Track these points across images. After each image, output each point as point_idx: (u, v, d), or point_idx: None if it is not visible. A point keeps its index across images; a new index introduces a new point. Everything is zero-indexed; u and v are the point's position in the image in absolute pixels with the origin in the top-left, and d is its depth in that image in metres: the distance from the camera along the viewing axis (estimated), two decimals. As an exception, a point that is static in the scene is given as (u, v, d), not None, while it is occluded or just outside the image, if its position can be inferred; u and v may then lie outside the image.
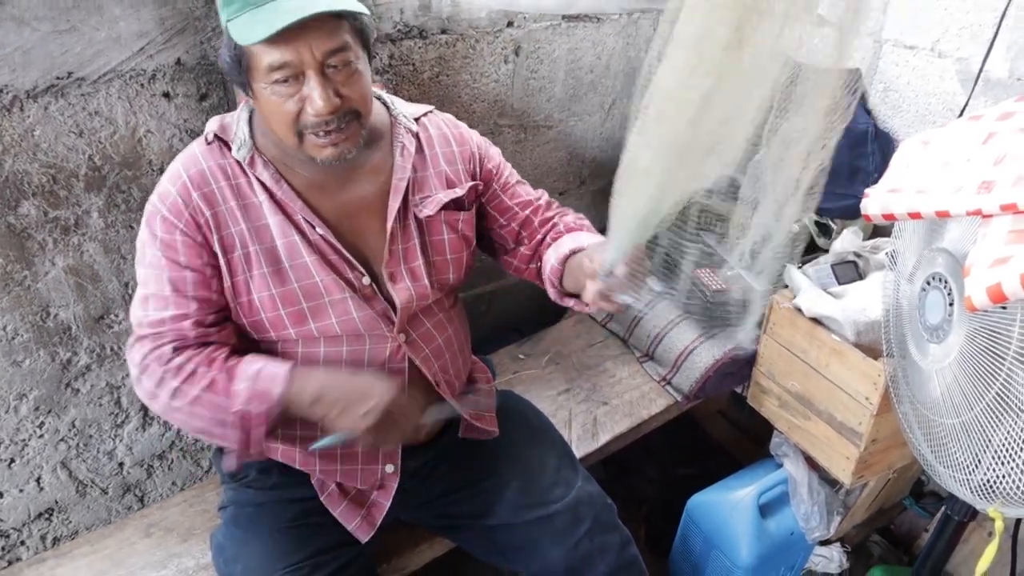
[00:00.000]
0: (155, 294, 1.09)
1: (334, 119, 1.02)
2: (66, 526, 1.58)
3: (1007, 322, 0.90)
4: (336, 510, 1.25)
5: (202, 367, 1.07)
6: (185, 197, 1.07)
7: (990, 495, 0.99)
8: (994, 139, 0.96)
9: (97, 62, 1.25)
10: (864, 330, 1.48)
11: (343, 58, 1.00)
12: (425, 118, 1.26)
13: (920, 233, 1.14)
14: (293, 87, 1.00)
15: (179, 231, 1.07)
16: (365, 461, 1.25)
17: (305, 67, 0.98)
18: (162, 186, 1.10)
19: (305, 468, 1.23)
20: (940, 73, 1.76)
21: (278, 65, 0.97)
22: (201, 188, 1.08)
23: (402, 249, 1.19)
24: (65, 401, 1.46)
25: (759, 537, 1.71)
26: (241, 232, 1.10)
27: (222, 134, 1.11)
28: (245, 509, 1.25)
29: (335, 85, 1.01)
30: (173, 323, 1.09)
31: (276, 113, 1.02)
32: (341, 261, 1.14)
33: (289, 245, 1.11)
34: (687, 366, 1.79)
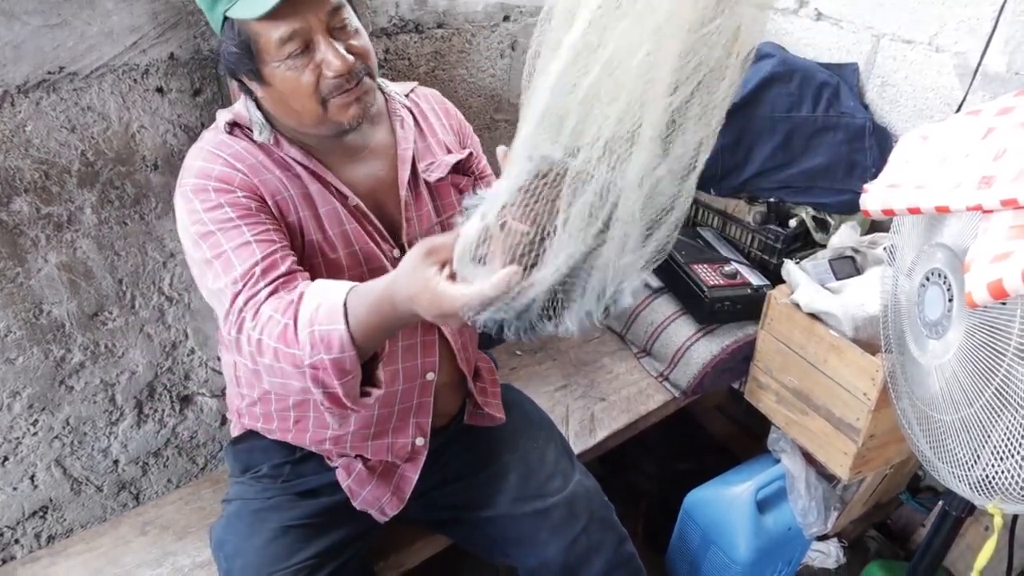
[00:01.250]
0: (235, 247, 1.00)
1: (353, 76, 1.04)
2: (61, 524, 1.57)
3: (1007, 318, 0.89)
4: (364, 489, 1.26)
5: (277, 312, 0.93)
6: (231, 169, 1.06)
7: (989, 491, 0.99)
8: (994, 134, 0.96)
9: (89, 57, 1.24)
10: (862, 326, 1.48)
11: (343, 16, 1.03)
12: (413, 94, 1.29)
13: (919, 228, 1.13)
14: (306, 57, 1.01)
15: (238, 190, 1.05)
16: (396, 435, 1.26)
17: (313, 32, 1.00)
18: (199, 168, 1.06)
19: (336, 447, 1.24)
20: (938, 68, 1.75)
21: (288, 36, 0.98)
22: (243, 162, 1.07)
23: (417, 217, 1.21)
24: (59, 399, 1.45)
25: (757, 533, 1.71)
26: (291, 198, 1.09)
27: (239, 120, 1.11)
28: (251, 504, 1.25)
29: (344, 44, 1.03)
30: (264, 262, 0.99)
31: (295, 88, 1.02)
32: (375, 231, 1.16)
33: (331, 213, 1.12)
34: (685, 362, 1.79)
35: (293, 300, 0.93)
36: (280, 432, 1.26)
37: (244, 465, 1.31)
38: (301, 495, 1.26)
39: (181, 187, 1.07)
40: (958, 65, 1.70)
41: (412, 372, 1.23)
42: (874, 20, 1.86)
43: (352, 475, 1.26)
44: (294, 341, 0.91)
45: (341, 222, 1.12)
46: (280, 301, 0.94)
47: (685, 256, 1.82)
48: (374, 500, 1.27)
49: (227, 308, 0.97)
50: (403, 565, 1.43)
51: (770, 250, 1.85)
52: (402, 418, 1.26)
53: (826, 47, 1.99)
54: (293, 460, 1.28)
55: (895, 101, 1.87)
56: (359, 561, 1.29)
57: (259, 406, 1.24)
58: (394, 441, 1.27)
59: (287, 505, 1.24)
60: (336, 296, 0.90)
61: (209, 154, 1.08)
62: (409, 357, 1.22)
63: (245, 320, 0.95)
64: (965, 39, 1.67)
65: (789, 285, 1.63)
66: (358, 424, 1.23)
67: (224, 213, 1.02)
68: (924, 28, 1.76)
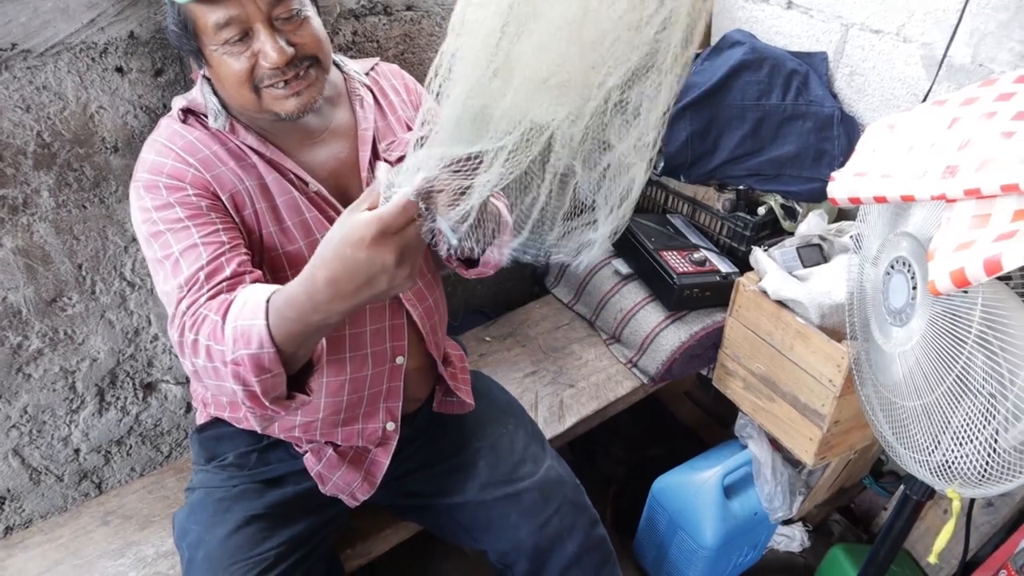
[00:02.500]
0: (182, 250, 0.98)
1: (290, 68, 1.00)
2: (19, 515, 1.53)
3: (968, 306, 0.91)
4: (335, 474, 1.25)
5: (212, 312, 0.92)
6: (183, 164, 1.04)
7: (948, 476, 1.01)
8: (958, 124, 0.97)
9: (44, 34, 1.20)
10: (828, 313, 1.49)
11: (288, 8, 0.99)
12: (373, 71, 1.27)
13: (885, 217, 1.14)
14: (244, 44, 0.98)
15: (189, 187, 1.03)
16: (366, 420, 1.26)
17: (252, 20, 0.97)
18: (150, 162, 1.04)
19: (305, 435, 1.23)
20: (905, 58, 1.77)
21: (224, 22, 0.96)
22: (195, 155, 1.05)
23: None
24: (16, 386, 1.42)
25: (723, 518, 1.73)
26: (247, 190, 1.07)
27: (193, 107, 1.08)
28: (215, 493, 1.23)
29: (286, 35, 1.00)
30: (209, 266, 0.97)
31: (229, 74, 1.00)
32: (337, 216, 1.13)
33: (289, 203, 1.10)
34: (653, 348, 1.79)
35: (228, 300, 0.92)
36: (246, 420, 1.24)
37: (210, 454, 1.29)
38: (267, 483, 1.25)
39: (135, 182, 1.04)
40: (925, 56, 1.72)
41: (381, 356, 1.21)
42: (843, 9, 1.87)
43: (322, 461, 1.25)
44: (220, 337, 0.88)
45: (300, 211, 1.10)
46: (218, 302, 0.93)
47: (654, 243, 1.82)
48: (345, 485, 1.27)
49: (172, 313, 0.97)
50: (371, 552, 1.42)
51: (739, 237, 1.86)
52: (372, 403, 1.25)
53: (796, 36, 2.00)
54: (259, 448, 1.27)
55: (863, 90, 1.89)
56: (326, 551, 1.28)
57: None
58: (364, 427, 1.26)
59: (252, 494, 1.22)
60: (262, 294, 0.87)
61: (162, 147, 1.05)
62: (378, 341, 1.20)
63: (185, 325, 0.93)
64: (932, 30, 1.69)
65: (757, 272, 1.65)
66: (327, 410, 1.21)
67: (174, 213, 1.00)
68: (892, 18, 1.77)
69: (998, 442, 0.92)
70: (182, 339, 0.93)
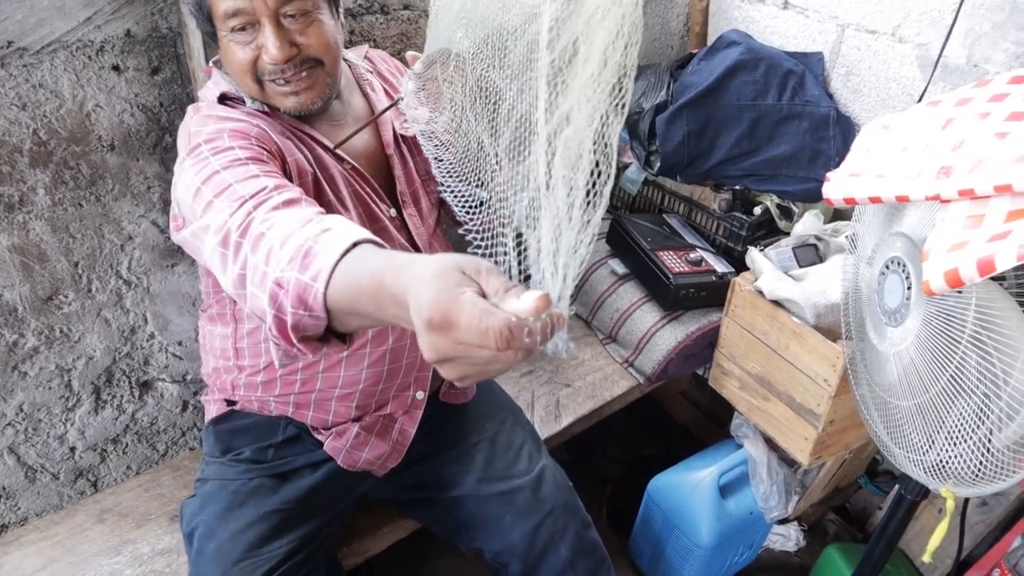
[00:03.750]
0: (241, 180, 0.89)
1: (291, 66, 1.02)
2: (15, 512, 1.53)
3: (962, 307, 0.91)
4: (363, 450, 1.27)
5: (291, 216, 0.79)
6: (245, 126, 1.02)
7: (943, 475, 1.01)
8: (953, 124, 0.97)
9: (40, 31, 1.20)
10: (824, 313, 1.50)
11: (299, 6, 1.00)
12: (367, 58, 1.32)
13: (880, 217, 1.15)
14: (250, 34, 1.00)
15: (254, 140, 1.00)
16: (400, 389, 1.29)
17: (259, 15, 0.98)
18: (210, 129, 0.99)
19: (341, 404, 1.24)
20: (901, 58, 1.77)
21: (232, 12, 0.97)
22: (249, 121, 1.03)
23: (404, 174, 1.23)
24: (12, 384, 1.41)
25: (719, 517, 1.73)
26: (297, 160, 1.07)
27: (228, 94, 1.09)
28: (230, 486, 1.23)
29: (291, 34, 1.01)
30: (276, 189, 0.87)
31: (234, 60, 1.02)
32: (373, 192, 1.17)
33: (330, 177, 1.11)
34: (649, 348, 1.80)
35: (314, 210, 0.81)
36: (277, 404, 1.24)
37: (225, 446, 1.28)
38: (282, 478, 1.25)
39: (190, 148, 0.97)
40: (920, 56, 1.73)
41: None
42: (839, 10, 1.88)
43: (347, 440, 1.26)
44: (284, 241, 0.75)
45: (340, 186, 1.12)
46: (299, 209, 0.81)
47: (651, 243, 1.82)
48: (374, 458, 1.28)
49: (231, 214, 0.83)
50: (369, 551, 1.42)
51: (735, 237, 1.87)
52: (408, 373, 1.28)
53: (792, 36, 2.00)
54: (276, 443, 1.27)
55: (859, 91, 1.89)
56: (328, 548, 1.28)
57: (262, 374, 1.22)
58: (397, 395, 1.29)
59: (267, 490, 1.22)
60: (352, 234, 0.72)
61: (219, 117, 1.02)
62: None
63: (254, 220, 0.80)
64: (927, 31, 1.70)
65: (753, 272, 1.65)
66: (368, 381, 1.23)
67: (233, 154, 0.93)
68: (888, 19, 1.78)
69: (992, 442, 0.93)
70: (246, 236, 0.80)
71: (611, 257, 1.97)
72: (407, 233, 1.22)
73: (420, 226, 1.24)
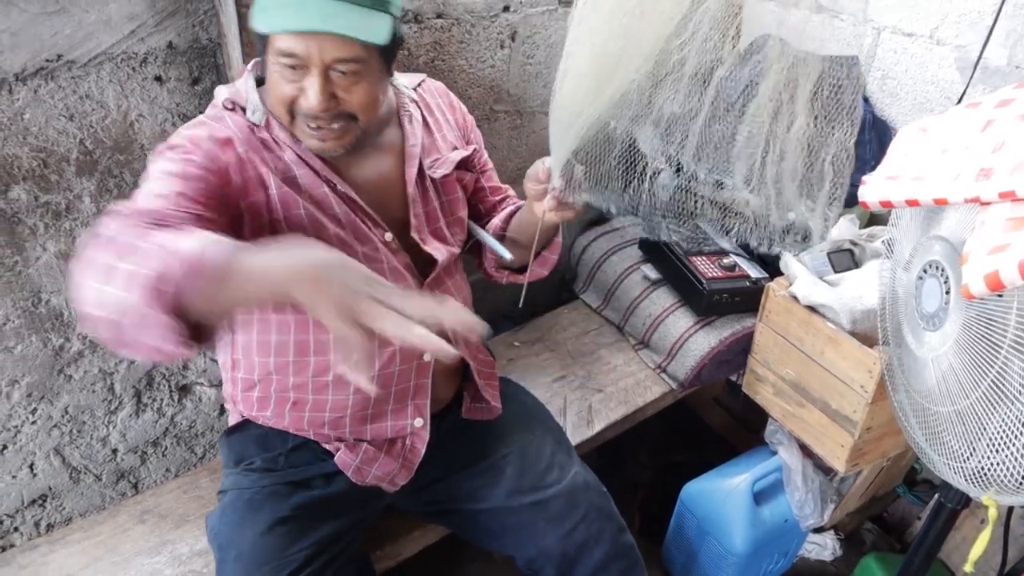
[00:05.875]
0: (150, 190, 0.94)
1: (326, 116, 1.03)
2: (59, 512, 1.58)
3: (1003, 310, 0.89)
4: (372, 466, 1.27)
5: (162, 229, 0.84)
6: (214, 138, 1.04)
7: (984, 483, 0.99)
8: (993, 126, 0.96)
9: (87, 45, 1.24)
10: (860, 318, 1.48)
11: (351, 68, 1.01)
12: (421, 87, 1.29)
13: (917, 221, 1.13)
14: (298, 74, 1.01)
15: (201, 152, 1.02)
16: (395, 417, 1.27)
17: (311, 64, 0.99)
18: (184, 133, 1.05)
19: (334, 431, 1.25)
20: (939, 61, 1.75)
21: (287, 53, 0.99)
22: (227, 132, 1.06)
23: (424, 213, 1.23)
24: (58, 387, 1.46)
25: (753, 524, 1.72)
26: (274, 172, 1.08)
27: (235, 99, 1.10)
28: (245, 494, 1.25)
29: (334, 87, 1.02)
30: (165, 200, 0.92)
31: (275, 89, 1.04)
32: (366, 217, 1.16)
33: (322, 195, 1.12)
34: (682, 354, 1.79)
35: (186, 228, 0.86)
36: (275, 418, 1.26)
37: (238, 456, 1.31)
38: (295, 485, 1.26)
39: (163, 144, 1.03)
40: (959, 58, 1.70)
41: (409, 353, 1.23)
42: (874, 13, 1.86)
43: (358, 455, 1.26)
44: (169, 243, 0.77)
45: (331, 206, 1.12)
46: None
47: (684, 248, 1.82)
48: (384, 475, 1.28)
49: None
50: (400, 554, 1.44)
51: (769, 243, 1.85)
52: (400, 400, 1.27)
53: (826, 40, 1.99)
54: (286, 451, 1.28)
55: (895, 94, 1.87)
56: (355, 552, 1.29)
57: (258, 389, 1.24)
58: (394, 423, 1.28)
59: (281, 496, 1.24)
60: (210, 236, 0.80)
61: (196, 122, 1.08)
62: None
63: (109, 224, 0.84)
64: (966, 32, 1.67)
65: (787, 278, 1.64)
66: (356, 407, 1.23)
67: (168, 163, 0.98)
68: (925, 21, 1.75)
69: (1035, 448, 0.91)
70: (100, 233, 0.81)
71: (644, 263, 1.97)
72: (403, 258, 1.20)
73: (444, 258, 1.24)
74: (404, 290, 0.78)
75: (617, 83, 1.03)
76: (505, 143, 1.99)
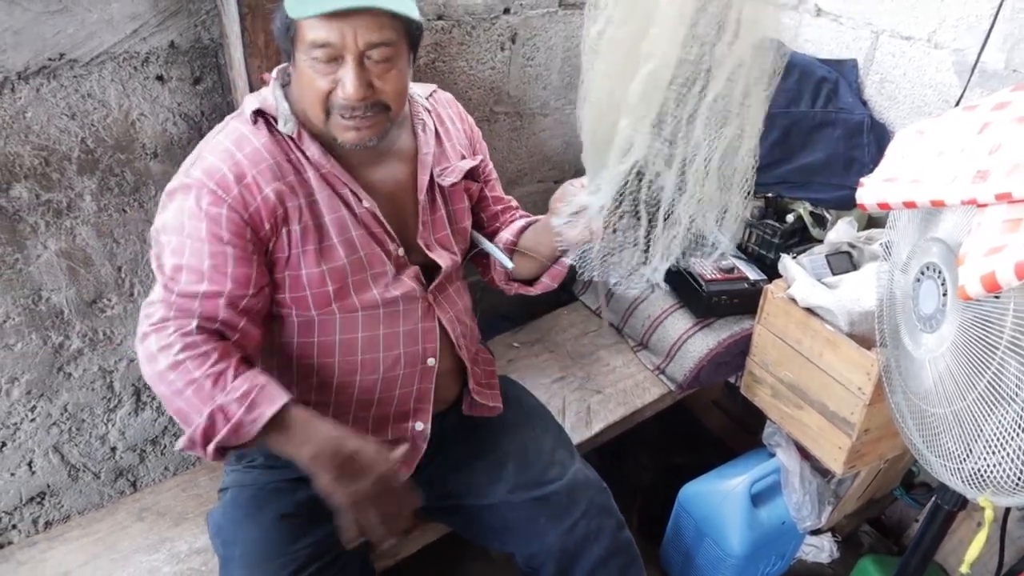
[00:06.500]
0: (191, 266, 1.05)
1: (361, 106, 1.04)
2: (58, 510, 1.58)
3: (1000, 311, 0.90)
4: None
5: (216, 355, 1.03)
6: (237, 174, 1.06)
7: (981, 484, 1.00)
8: (989, 128, 0.96)
9: (89, 44, 1.24)
10: (858, 320, 1.48)
11: (384, 53, 1.02)
12: (432, 97, 1.31)
13: (915, 223, 1.14)
14: (331, 67, 1.02)
15: (227, 205, 1.05)
16: (397, 420, 1.29)
17: (345, 51, 1.00)
18: (207, 163, 1.07)
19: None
20: (936, 64, 1.75)
21: (321, 43, 0.99)
22: (258, 165, 1.07)
23: (432, 220, 1.25)
24: (57, 385, 1.46)
25: (751, 526, 1.72)
26: (299, 207, 1.10)
27: (265, 108, 1.11)
28: (247, 491, 1.25)
29: (370, 75, 1.03)
30: (205, 300, 1.05)
31: (309, 87, 1.04)
32: (383, 233, 1.18)
33: (338, 220, 1.13)
34: (681, 355, 1.79)
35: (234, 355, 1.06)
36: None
37: (239, 453, 1.31)
38: (299, 480, 1.26)
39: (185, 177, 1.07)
40: (956, 62, 1.71)
41: (413, 357, 1.24)
42: (873, 16, 1.86)
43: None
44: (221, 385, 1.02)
45: (347, 229, 1.14)
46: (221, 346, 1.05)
47: (683, 250, 1.82)
48: None
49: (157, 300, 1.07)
50: (399, 554, 1.44)
51: (767, 245, 1.86)
52: (403, 403, 1.27)
53: (825, 43, 1.99)
54: None
55: (893, 97, 1.88)
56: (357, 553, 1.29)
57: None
58: (396, 425, 1.29)
59: (284, 493, 1.24)
60: (281, 397, 1.03)
61: (224, 152, 1.08)
62: (410, 342, 1.24)
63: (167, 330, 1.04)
64: (964, 36, 1.68)
65: (786, 280, 1.64)
66: (359, 407, 1.24)
67: (197, 227, 1.05)
68: (923, 25, 1.76)
69: (1031, 449, 0.91)
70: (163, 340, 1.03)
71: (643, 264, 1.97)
72: (412, 270, 1.22)
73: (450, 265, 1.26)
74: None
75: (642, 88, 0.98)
76: (505, 144, 2.00)
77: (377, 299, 1.19)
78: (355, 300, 1.17)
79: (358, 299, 1.17)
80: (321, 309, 1.17)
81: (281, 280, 1.14)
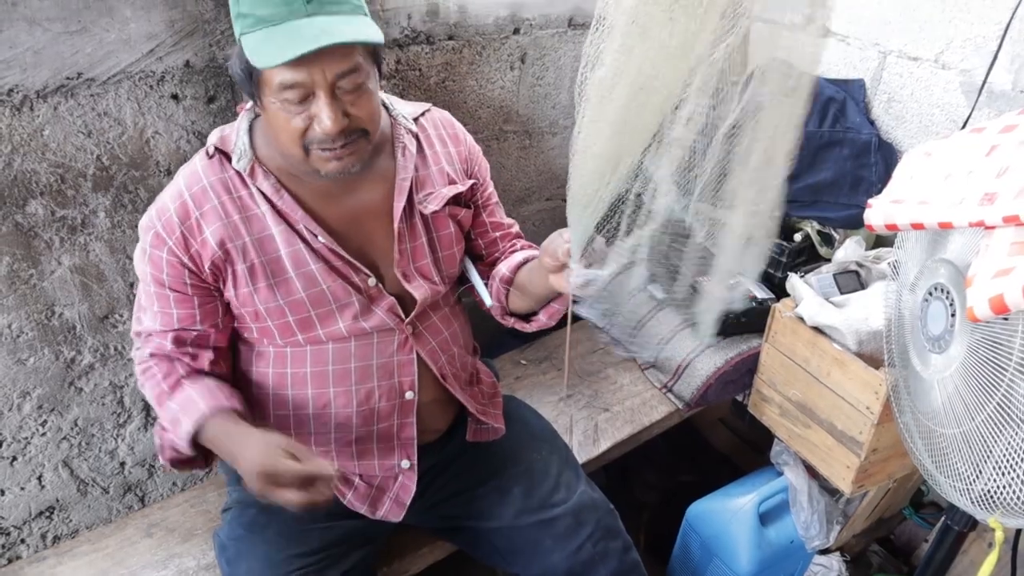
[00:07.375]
0: (144, 306, 1.17)
1: (341, 136, 1.03)
2: (67, 525, 1.58)
3: (1008, 333, 0.90)
4: (364, 503, 1.27)
5: (159, 376, 1.15)
6: (182, 215, 1.09)
7: (991, 505, 0.99)
8: (997, 151, 0.97)
9: (107, 63, 1.26)
10: (866, 340, 1.48)
11: (354, 80, 1.01)
12: (423, 117, 1.27)
13: (922, 244, 1.14)
14: (303, 105, 1.00)
15: (167, 249, 1.09)
16: (382, 456, 1.27)
17: (316, 87, 0.99)
18: (161, 201, 1.11)
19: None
20: (944, 85, 1.76)
21: (289, 84, 0.98)
22: (202, 207, 1.09)
23: (410, 248, 1.21)
24: (68, 400, 1.47)
25: (759, 545, 1.71)
26: (244, 245, 1.11)
27: (222, 146, 1.11)
28: (250, 510, 1.26)
29: (343, 105, 1.02)
30: (156, 336, 1.16)
31: (284, 129, 1.02)
32: (346, 266, 1.15)
33: (294, 255, 1.12)
34: (688, 373, 1.79)
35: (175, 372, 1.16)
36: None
37: None
38: None
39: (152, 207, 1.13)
40: (964, 82, 1.72)
41: (390, 391, 1.23)
42: (881, 37, 1.88)
43: (351, 489, 1.27)
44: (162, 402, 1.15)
45: (305, 262, 1.13)
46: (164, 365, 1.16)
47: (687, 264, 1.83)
48: (377, 508, 1.28)
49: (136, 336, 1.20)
50: (407, 571, 1.44)
51: (775, 263, 1.86)
52: (385, 439, 1.26)
53: (833, 63, 2.01)
54: None
55: (901, 117, 1.88)
56: (363, 567, 1.29)
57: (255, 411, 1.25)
58: (381, 462, 1.27)
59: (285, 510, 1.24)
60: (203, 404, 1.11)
61: (176, 192, 1.11)
62: (385, 375, 1.22)
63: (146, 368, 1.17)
64: (971, 57, 1.69)
65: (793, 299, 1.64)
66: (339, 443, 1.24)
67: (144, 271, 1.13)
68: (931, 45, 1.77)
69: (1041, 471, 0.91)
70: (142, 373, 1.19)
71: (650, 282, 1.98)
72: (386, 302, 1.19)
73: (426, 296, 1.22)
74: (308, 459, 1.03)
75: (632, 157, 1.02)
76: (514, 163, 2.01)
77: (343, 332, 1.17)
78: (320, 332, 1.16)
79: (323, 331, 1.16)
80: (287, 339, 1.17)
81: (240, 315, 1.17)
